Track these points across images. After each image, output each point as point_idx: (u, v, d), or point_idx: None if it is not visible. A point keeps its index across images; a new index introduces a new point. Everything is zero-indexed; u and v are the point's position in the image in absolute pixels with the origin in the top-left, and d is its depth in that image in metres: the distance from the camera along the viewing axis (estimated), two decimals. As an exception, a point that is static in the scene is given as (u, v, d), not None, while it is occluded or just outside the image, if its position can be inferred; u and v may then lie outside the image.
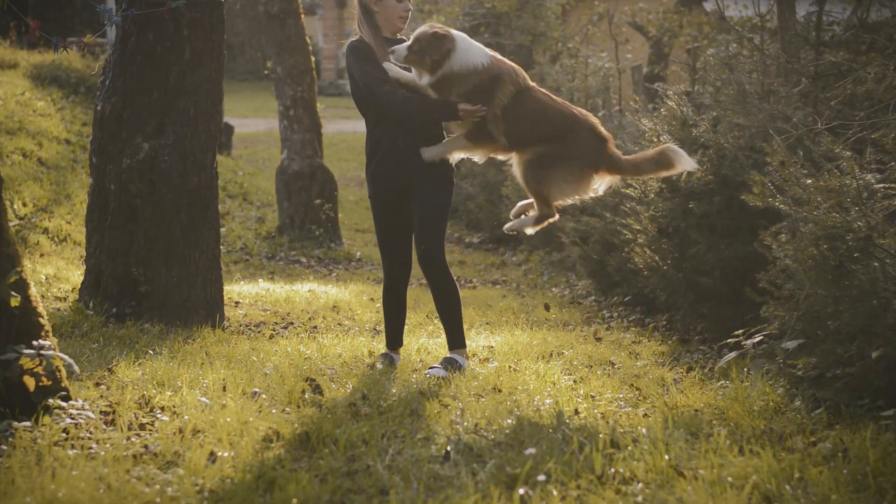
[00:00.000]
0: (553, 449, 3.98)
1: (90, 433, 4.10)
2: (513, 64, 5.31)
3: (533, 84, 5.33)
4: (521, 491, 3.58)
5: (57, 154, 12.04)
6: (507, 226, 5.49)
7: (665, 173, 5.33)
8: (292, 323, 7.18)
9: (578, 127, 5.24)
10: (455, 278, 5.48)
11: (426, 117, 5.28)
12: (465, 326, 7.14)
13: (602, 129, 5.29)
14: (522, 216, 5.47)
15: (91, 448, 3.93)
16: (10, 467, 3.66)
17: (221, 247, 7.36)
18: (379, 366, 5.44)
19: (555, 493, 3.58)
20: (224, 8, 6.79)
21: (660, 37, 17.46)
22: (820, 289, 4.47)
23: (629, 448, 4.00)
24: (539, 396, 4.86)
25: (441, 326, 5.93)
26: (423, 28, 5.23)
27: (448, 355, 5.39)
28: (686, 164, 5.18)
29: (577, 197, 5.33)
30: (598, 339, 6.76)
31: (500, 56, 5.31)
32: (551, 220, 5.35)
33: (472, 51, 5.21)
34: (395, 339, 5.68)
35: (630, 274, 7.60)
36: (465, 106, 5.15)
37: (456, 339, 5.41)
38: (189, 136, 6.69)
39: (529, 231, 5.41)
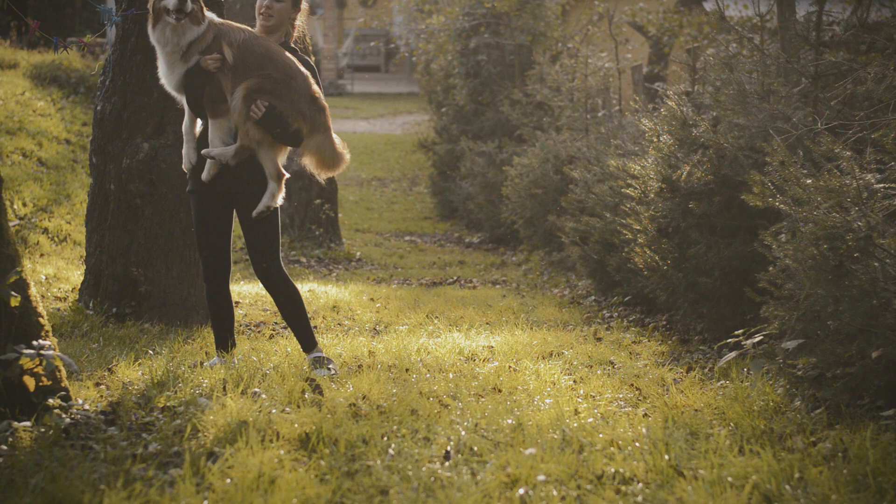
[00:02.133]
0: (553, 449, 3.98)
1: (90, 433, 4.10)
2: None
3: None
4: (521, 491, 3.59)
5: (57, 154, 12.04)
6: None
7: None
8: (292, 323, 7.17)
9: None
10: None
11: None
12: (466, 326, 7.16)
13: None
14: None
15: (91, 448, 3.93)
16: (10, 467, 3.66)
17: (221, 247, 7.35)
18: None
19: (555, 493, 3.58)
20: (224, 8, 6.79)
21: (660, 37, 17.46)
22: (820, 289, 4.47)
23: (629, 448, 4.00)
24: (539, 396, 4.86)
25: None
26: None
27: (311, 356, 5.34)
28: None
29: None
30: (598, 339, 6.76)
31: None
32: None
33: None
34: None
35: (630, 274, 7.60)
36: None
37: (310, 341, 5.37)
38: (189, 136, 6.68)
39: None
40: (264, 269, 5.28)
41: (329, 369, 5.22)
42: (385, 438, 4.13)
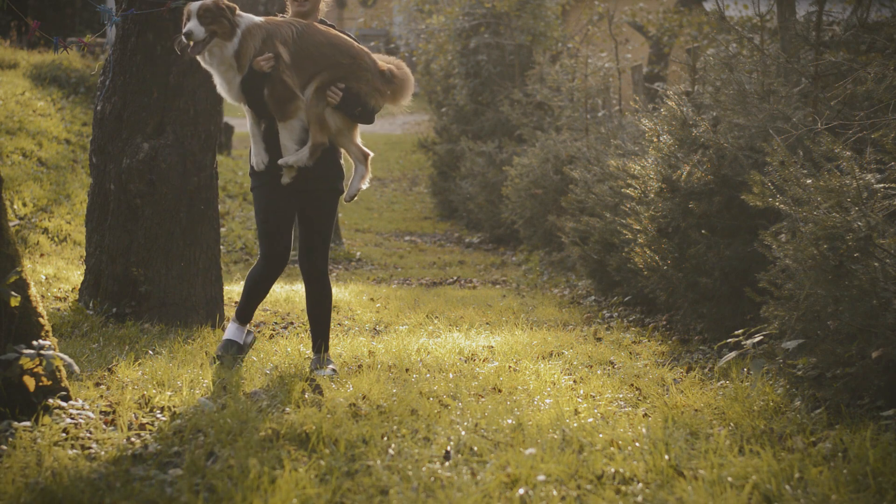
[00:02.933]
0: (553, 449, 3.98)
1: (90, 433, 4.10)
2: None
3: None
4: (521, 491, 3.59)
5: (57, 154, 12.04)
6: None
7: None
8: (292, 323, 7.18)
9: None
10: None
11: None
12: (466, 326, 7.16)
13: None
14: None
15: (91, 448, 3.93)
16: (10, 467, 3.66)
17: (221, 246, 7.37)
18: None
19: (555, 493, 3.58)
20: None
21: (660, 37, 17.46)
22: (820, 289, 4.47)
23: (629, 448, 4.00)
24: (539, 396, 4.86)
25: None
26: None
27: (317, 356, 5.43)
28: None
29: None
30: (598, 339, 6.76)
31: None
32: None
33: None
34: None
35: (630, 274, 7.60)
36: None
37: (324, 345, 5.48)
38: (189, 136, 6.69)
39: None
40: (315, 263, 5.36)
41: (331, 370, 5.24)
42: (385, 438, 4.13)
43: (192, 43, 5.07)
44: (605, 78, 11.76)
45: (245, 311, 5.55)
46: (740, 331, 5.54)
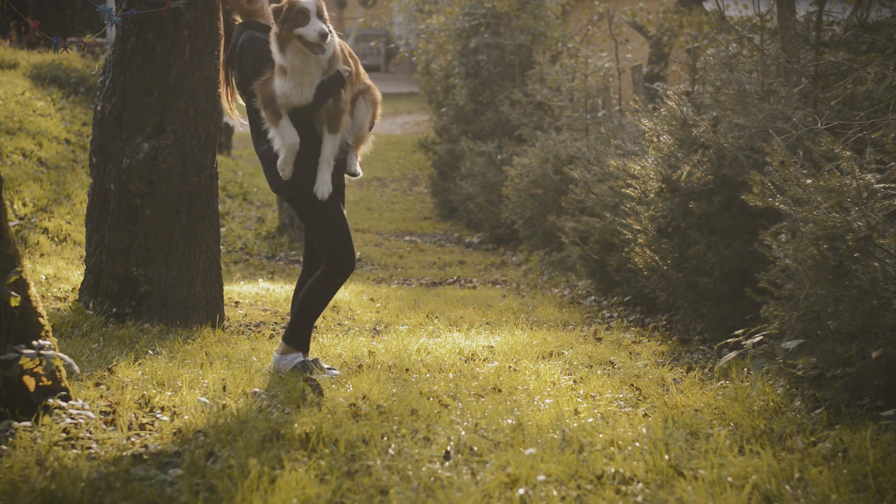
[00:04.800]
0: (553, 449, 3.98)
1: (90, 433, 4.10)
2: None
3: None
4: (521, 491, 3.59)
5: (57, 154, 12.04)
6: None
7: None
8: (292, 323, 7.17)
9: None
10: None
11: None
12: (466, 326, 7.16)
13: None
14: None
15: (91, 448, 3.93)
16: (10, 467, 3.66)
17: (221, 247, 7.36)
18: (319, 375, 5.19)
19: (555, 493, 3.58)
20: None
21: (660, 37, 17.47)
22: (820, 289, 4.47)
23: (629, 448, 4.00)
24: (539, 396, 4.86)
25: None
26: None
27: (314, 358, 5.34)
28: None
29: None
30: (598, 339, 6.76)
31: None
32: None
33: None
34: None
35: (630, 274, 7.60)
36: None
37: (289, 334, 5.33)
38: (189, 136, 6.69)
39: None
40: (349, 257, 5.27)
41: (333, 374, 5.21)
42: (385, 438, 4.13)
43: (325, 42, 4.96)
44: (605, 78, 11.76)
45: (308, 334, 5.32)
46: (740, 331, 5.54)
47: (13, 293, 4.10)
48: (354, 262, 5.27)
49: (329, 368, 5.28)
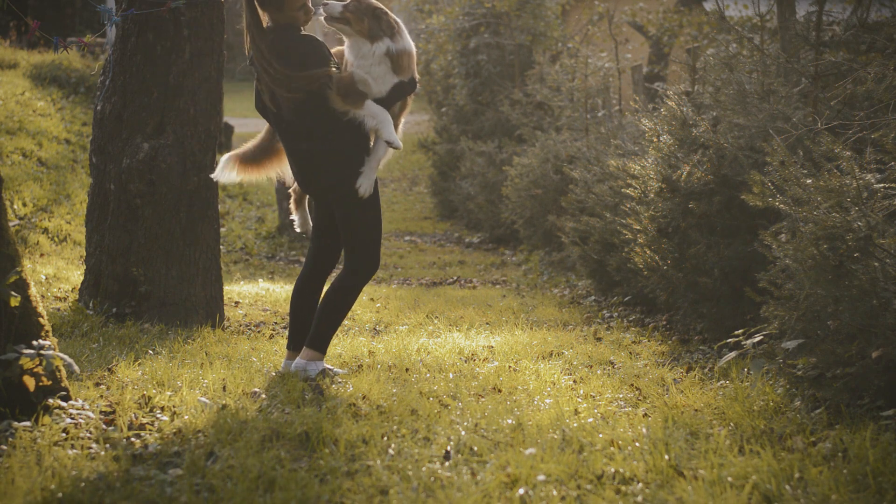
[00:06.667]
0: (553, 449, 3.98)
1: (90, 433, 4.10)
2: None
3: None
4: (521, 491, 3.59)
5: (57, 154, 12.04)
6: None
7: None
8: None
9: None
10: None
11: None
12: (466, 326, 7.16)
13: None
14: None
15: (91, 448, 3.93)
16: (10, 467, 3.66)
17: (221, 247, 7.37)
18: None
19: (555, 493, 3.58)
20: (224, 8, 6.79)
21: (660, 37, 17.46)
22: (820, 289, 4.47)
23: (629, 448, 4.00)
24: (539, 396, 4.86)
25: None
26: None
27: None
28: None
29: None
30: (598, 339, 6.76)
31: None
32: None
33: None
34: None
35: (630, 274, 7.60)
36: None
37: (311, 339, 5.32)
38: (189, 136, 6.69)
39: None
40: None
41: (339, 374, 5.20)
42: (385, 438, 4.13)
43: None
44: (605, 78, 11.76)
45: (329, 337, 5.26)
46: (740, 331, 5.54)
47: (13, 293, 4.10)
48: (379, 262, 5.32)
49: (336, 370, 5.28)
